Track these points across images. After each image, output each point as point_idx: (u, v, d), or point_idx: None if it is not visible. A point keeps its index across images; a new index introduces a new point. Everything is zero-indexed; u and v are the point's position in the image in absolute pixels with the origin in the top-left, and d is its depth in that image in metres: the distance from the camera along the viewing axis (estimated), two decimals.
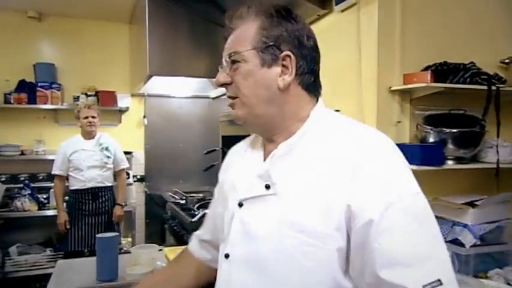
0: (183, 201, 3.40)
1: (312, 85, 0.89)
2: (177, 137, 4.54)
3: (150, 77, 3.13)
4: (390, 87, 2.07)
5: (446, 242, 1.91)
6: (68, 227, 3.42)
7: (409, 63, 2.07)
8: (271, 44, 0.83)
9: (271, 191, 0.82)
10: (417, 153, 1.93)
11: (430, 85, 1.90)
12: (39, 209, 3.81)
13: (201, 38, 3.21)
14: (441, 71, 1.95)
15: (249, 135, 1.05)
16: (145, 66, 3.09)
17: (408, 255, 0.70)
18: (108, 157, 3.53)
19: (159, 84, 3.83)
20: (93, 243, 3.17)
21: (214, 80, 0.93)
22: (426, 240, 0.73)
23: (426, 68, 2.00)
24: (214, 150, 3.42)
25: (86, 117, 3.40)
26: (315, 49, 0.90)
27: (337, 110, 2.35)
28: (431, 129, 2.00)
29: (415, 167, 1.90)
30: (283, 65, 0.84)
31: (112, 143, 3.60)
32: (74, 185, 3.45)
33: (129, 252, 2.03)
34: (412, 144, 2.06)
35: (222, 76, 0.88)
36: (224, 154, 3.68)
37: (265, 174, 0.84)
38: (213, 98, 4.52)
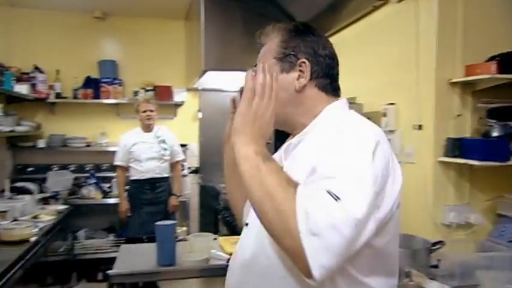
0: None
1: (328, 86, 1.01)
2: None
3: (204, 71, 3.22)
4: (450, 80, 1.99)
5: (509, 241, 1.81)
6: (129, 214, 3.63)
7: (472, 53, 1.97)
8: (289, 53, 0.99)
9: None
10: (479, 148, 1.85)
11: (495, 76, 1.80)
12: (103, 197, 4.08)
13: (253, 31, 3.24)
14: (508, 62, 1.83)
15: None
16: (200, 61, 3.19)
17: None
18: (165, 149, 3.69)
19: (212, 79, 3.92)
20: (151, 230, 3.35)
21: None
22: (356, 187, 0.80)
23: (491, 59, 1.89)
24: (268, 143, 3.45)
25: (145, 111, 3.58)
26: (331, 57, 1.02)
27: (392, 103, 2.30)
28: (495, 122, 1.91)
29: (476, 162, 1.83)
30: (300, 70, 0.98)
31: (169, 136, 3.76)
32: (134, 175, 3.65)
33: (185, 240, 2.14)
34: (474, 138, 1.97)
35: None
36: (276, 147, 3.68)
37: (279, 159, 1.00)
38: None
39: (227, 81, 4.36)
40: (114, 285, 1.78)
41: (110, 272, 1.74)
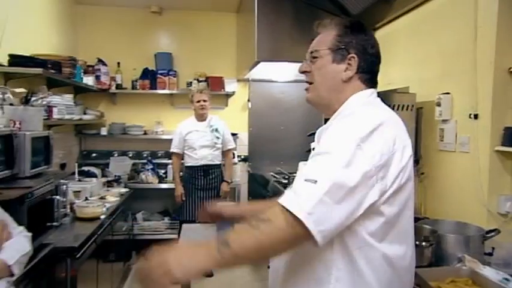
0: (286, 181, 3.59)
1: (369, 81, 1.14)
2: (279, 120, 4.73)
3: (257, 62, 3.33)
4: (510, 68, 1.97)
5: None
6: (184, 199, 3.85)
7: None
8: (342, 47, 1.11)
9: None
10: None
11: None
12: (159, 182, 4.34)
13: (304, 23, 3.31)
14: None
15: None
16: (253, 52, 3.30)
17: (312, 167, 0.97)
18: (218, 138, 3.86)
19: (262, 70, 4.03)
20: None
21: None
22: (330, 167, 0.94)
23: None
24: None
25: (199, 101, 3.76)
26: (376, 55, 1.15)
27: (447, 93, 2.30)
28: None
29: None
30: (348, 64, 1.11)
31: (221, 125, 3.92)
32: (189, 162, 3.85)
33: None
34: None
35: (304, 66, 1.18)
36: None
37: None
38: None
39: (276, 72, 4.46)
40: None
41: None
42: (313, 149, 1.07)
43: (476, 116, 2.07)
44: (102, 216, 2.77)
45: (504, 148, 1.94)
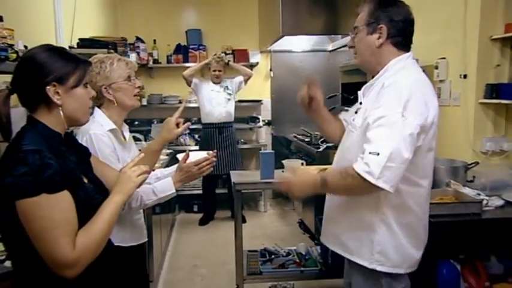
0: (308, 139, 4.16)
1: (400, 43, 1.47)
2: (299, 87, 5.18)
3: (282, 36, 3.81)
4: (491, 36, 2.45)
5: None
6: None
7: None
8: (372, 21, 1.45)
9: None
10: None
11: None
12: (195, 144, 4.94)
13: None
14: None
15: (364, 82, 1.69)
16: (277, 26, 3.77)
17: (374, 140, 1.34)
18: (229, 94, 4.46)
19: (283, 41, 4.50)
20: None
21: (332, 35, 1.73)
22: (386, 139, 1.32)
23: None
24: (335, 95, 4.03)
25: (214, 70, 4.38)
26: (405, 21, 1.45)
27: (443, 58, 2.79)
28: None
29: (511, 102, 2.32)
30: (380, 33, 1.45)
31: (229, 81, 4.48)
32: (205, 120, 4.51)
33: None
34: (510, 83, 2.44)
35: (350, 42, 1.58)
36: (343, 99, 4.36)
37: (359, 97, 1.58)
38: (330, 51, 5.07)
39: (295, 43, 4.93)
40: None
41: (234, 180, 2.51)
42: (361, 102, 1.53)
43: (465, 76, 2.57)
44: None
45: (486, 100, 2.45)
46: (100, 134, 1.56)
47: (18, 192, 0.98)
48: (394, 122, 1.31)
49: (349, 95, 3.40)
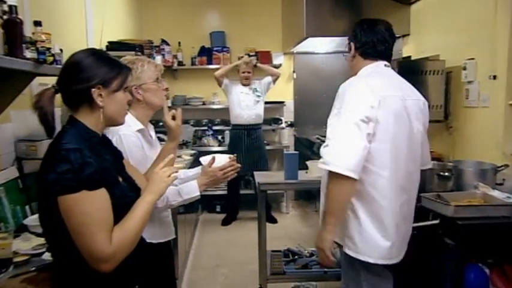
0: None
1: (367, 54, 1.79)
2: (321, 88, 5.21)
3: (305, 38, 3.82)
4: None
5: None
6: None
7: None
8: (348, 41, 1.87)
9: None
10: None
11: None
12: (218, 145, 5.00)
13: None
14: None
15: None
16: (301, 28, 3.78)
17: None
18: (258, 96, 4.49)
19: (306, 43, 4.51)
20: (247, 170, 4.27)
21: None
22: (330, 133, 1.62)
23: None
24: None
25: (244, 72, 4.43)
26: (367, 35, 1.77)
27: (472, 58, 2.74)
28: None
29: None
30: (350, 49, 1.85)
31: (257, 83, 4.52)
32: (234, 121, 4.54)
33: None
34: None
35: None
36: None
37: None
38: None
39: (318, 45, 4.93)
40: None
41: (259, 180, 2.54)
42: None
43: (495, 77, 2.52)
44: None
45: None
46: (129, 134, 1.61)
47: (61, 189, 1.03)
48: (333, 117, 1.64)
49: None
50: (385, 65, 1.78)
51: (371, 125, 1.55)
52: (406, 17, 3.67)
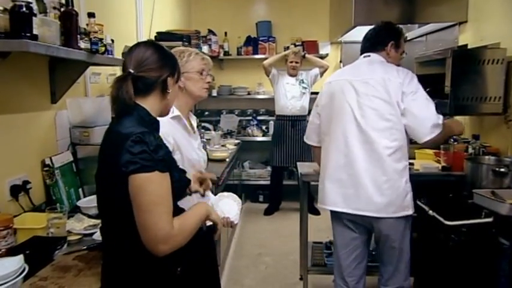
0: None
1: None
2: None
3: (354, 27, 3.71)
4: None
5: None
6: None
7: None
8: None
9: None
10: None
11: None
12: (263, 135, 5.01)
13: None
14: None
15: (441, 74, 1.63)
16: (349, 17, 3.67)
17: None
18: (305, 88, 4.42)
19: (353, 32, 4.37)
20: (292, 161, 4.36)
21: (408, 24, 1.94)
22: None
23: None
24: None
25: (291, 62, 4.36)
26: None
27: None
28: None
29: None
30: None
31: (304, 74, 4.45)
32: (279, 112, 4.51)
33: None
34: None
35: None
36: None
37: None
38: (405, 41, 4.80)
39: (364, 34, 4.75)
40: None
41: (302, 171, 2.52)
42: None
43: None
44: (227, 159, 3.49)
45: None
46: (162, 121, 1.64)
47: (136, 168, 1.07)
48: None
49: (425, 87, 3.23)
50: (364, 56, 2.19)
51: (318, 108, 2.17)
52: (464, 2, 3.45)
